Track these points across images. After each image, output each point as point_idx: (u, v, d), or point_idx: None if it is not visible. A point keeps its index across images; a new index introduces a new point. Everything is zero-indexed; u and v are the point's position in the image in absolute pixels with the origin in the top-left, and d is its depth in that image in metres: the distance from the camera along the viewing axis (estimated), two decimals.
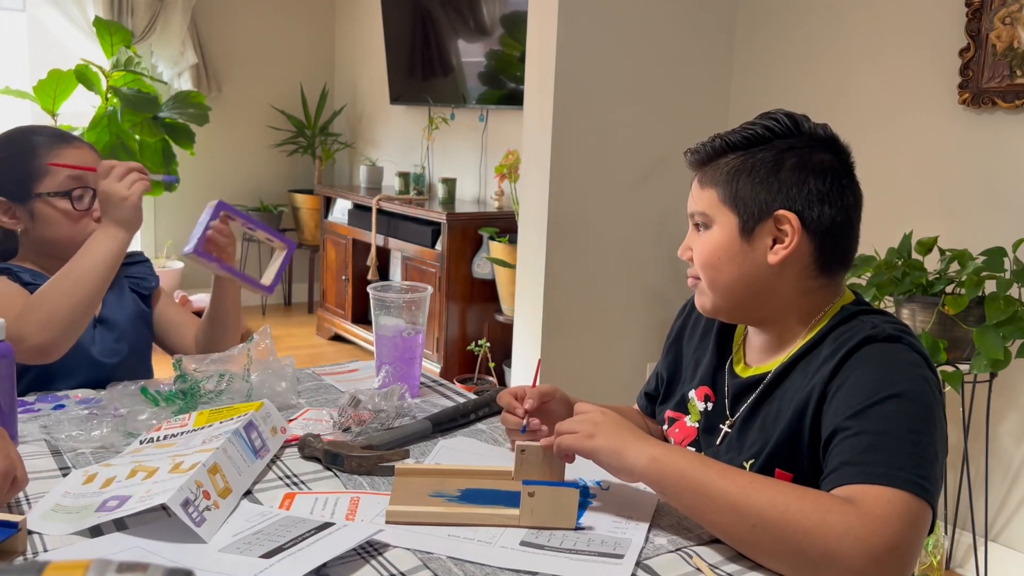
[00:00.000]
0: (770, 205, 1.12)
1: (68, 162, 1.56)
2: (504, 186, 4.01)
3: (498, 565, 0.95)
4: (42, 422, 1.34)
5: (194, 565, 0.90)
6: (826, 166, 1.14)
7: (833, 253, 1.15)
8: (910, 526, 0.92)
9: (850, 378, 1.05)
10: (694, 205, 1.19)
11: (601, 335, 3.07)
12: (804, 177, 1.13)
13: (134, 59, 4.60)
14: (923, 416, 1.00)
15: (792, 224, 1.11)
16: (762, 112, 1.19)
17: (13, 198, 1.56)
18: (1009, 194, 2.42)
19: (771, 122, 1.16)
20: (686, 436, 1.29)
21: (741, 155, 1.15)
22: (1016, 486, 2.48)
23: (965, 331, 2.22)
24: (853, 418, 1.01)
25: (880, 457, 0.96)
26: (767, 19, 3.07)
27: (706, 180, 1.17)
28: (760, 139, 1.15)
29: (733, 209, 1.14)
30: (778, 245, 1.13)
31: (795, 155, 1.14)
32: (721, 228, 1.15)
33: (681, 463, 1.01)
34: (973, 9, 2.45)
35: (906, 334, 1.08)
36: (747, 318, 1.21)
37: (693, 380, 1.30)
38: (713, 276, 1.16)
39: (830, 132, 1.18)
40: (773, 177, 1.12)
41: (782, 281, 1.14)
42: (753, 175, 1.13)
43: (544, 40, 2.87)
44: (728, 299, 1.17)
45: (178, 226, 5.26)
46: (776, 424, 1.12)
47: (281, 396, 1.45)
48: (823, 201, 1.13)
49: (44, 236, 1.58)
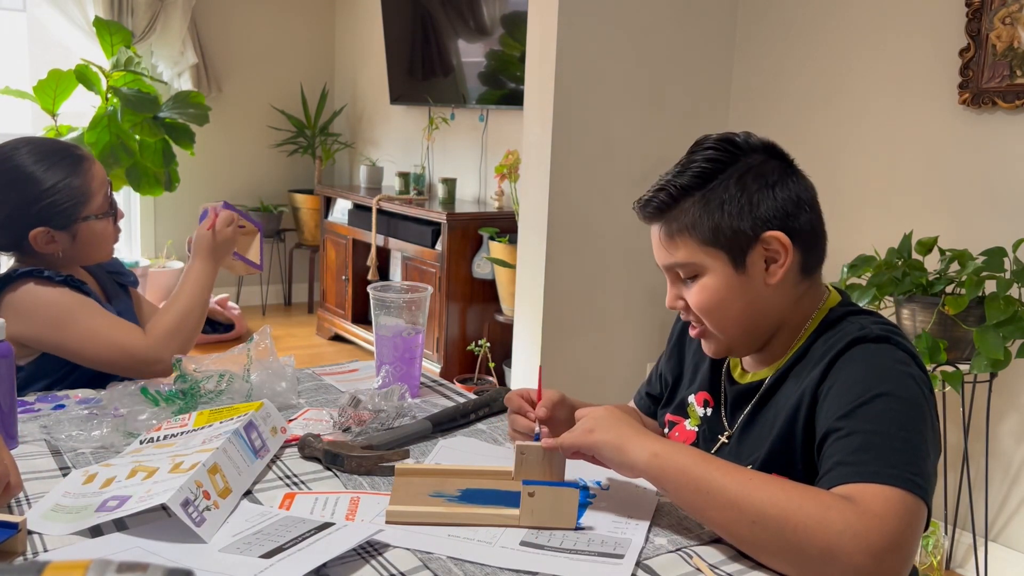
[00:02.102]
0: (754, 231, 1.12)
1: (98, 180, 1.63)
2: (504, 186, 4.01)
3: (498, 565, 0.95)
4: (42, 422, 1.34)
5: (194, 565, 0.90)
6: (780, 173, 1.14)
7: (814, 254, 1.17)
8: (907, 523, 0.93)
9: (839, 380, 1.06)
10: (669, 258, 1.16)
11: (601, 335, 3.07)
12: (770, 192, 1.12)
13: (134, 59, 4.60)
14: (912, 414, 1.01)
15: (781, 240, 1.12)
16: (695, 142, 1.16)
17: (56, 226, 1.58)
18: (1009, 194, 2.42)
19: (712, 152, 1.14)
20: (686, 440, 1.30)
21: (699, 194, 1.13)
22: (1016, 486, 2.48)
23: (965, 331, 2.22)
24: (844, 419, 1.02)
25: (872, 456, 0.97)
26: (767, 19, 3.07)
27: (674, 231, 1.14)
28: (711, 172, 1.13)
29: (718, 249, 1.13)
30: (773, 265, 1.13)
31: (751, 174, 1.13)
32: (714, 272, 1.13)
33: (682, 459, 1.02)
34: (973, 9, 2.45)
35: (894, 334, 1.09)
36: (754, 345, 1.20)
37: (693, 384, 1.31)
38: (720, 317, 1.16)
39: (764, 139, 1.18)
40: (744, 203, 1.11)
41: (778, 297, 1.15)
42: (724, 209, 1.11)
43: (544, 40, 2.87)
44: (737, 333, 1.17)
45: (178, 226, 5.26)
46: (772, 430, 1.13)
47: (281, 396, 1.45)
48: (797, 207, 1.13)
49: (87, 255, 1.65)
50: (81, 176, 1.60)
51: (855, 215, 2.80)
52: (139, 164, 4.48)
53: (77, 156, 1.62)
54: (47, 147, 1.61)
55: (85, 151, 1.66)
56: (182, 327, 1.61)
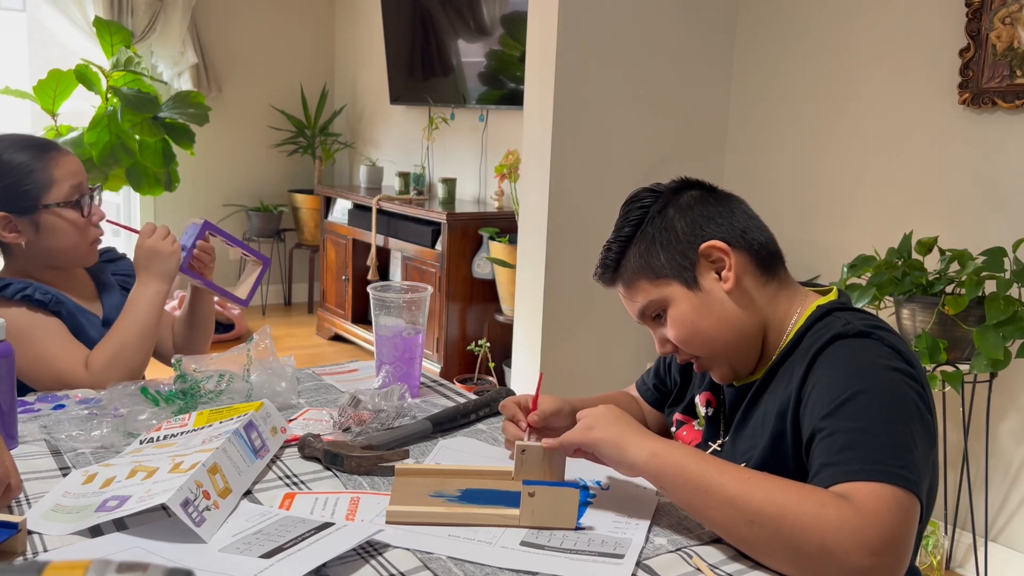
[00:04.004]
0: (691, 248, 1.17)
1: (66, 170, 1.59)
2: (504, 186, 4.01)
3: (498, 565, 0.95)
4: (42, 422, 1.34)
5: (194, 565, 0.90)
6: (698, 197, 1.22)
7: (763, 248, 1.20)
8: (900, 518, 0.93)
9: (821, 378, 1.07)
10: (635, 306, 1.23)
11: (601, 335, 3.07)
12: (690, 212, 1.20)
13: (134, 59, 4.60)
14: (894, 407, 1.01)
15: (717, 247, 1.17)
16: (625, 200, 1.26)
17: (16, 212, 1.56)
18: (1009, 194, 2.42)
19: (639, 202, 1.23)
20: (693, 439, 1.32)
21: (635, 241, 1.21)
22: (1016, 486, 2.48)
23: (965, 331, 2.22)
24: (827, 418, 1.03)
25: (856, 454, 0.97)
26: (767, 19, 3.07)
27: (628, 281, 1.22)
28: (640, 219, 1.22)
29: (669, 279, 1.18)
30: (724, 271, 1.17)
31: (672, 206, 1.20)
32: (675, 301, 1.18)
33: (680, 459, 1.02)
34: (973, 9, 2.45)
35: (878, 329, 1.10)
36: (752, 355, 1.21)
37: (701, 385, 1.34)
38: (702, 341, 1.19)
39: (682, 177, 1.26)
40: (672, 231, 1.19)
41: (747, 299, 1.18)
42: (658, 242, 1.19)
43: (544, 40, 2.87)
44: (727, 351, 1.19)
45: (178, 226, 5.23)
46: (764, 430, 1.14)
47: (281, 396, 1.45)
48: (724, 217, 1.19)
49: (51, 246, 1.60)
50: (45, 162, 1.57)
51: (855, 215, 2.80)
52: (139, 164, 4.47)
53: (45, 144, 1.60)
54: (20, 138, 1.61)
55: (61, 147, 1.63)
56: (121, 357, 1.54)
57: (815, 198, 2.90)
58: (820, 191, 2.89)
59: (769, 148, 3.07)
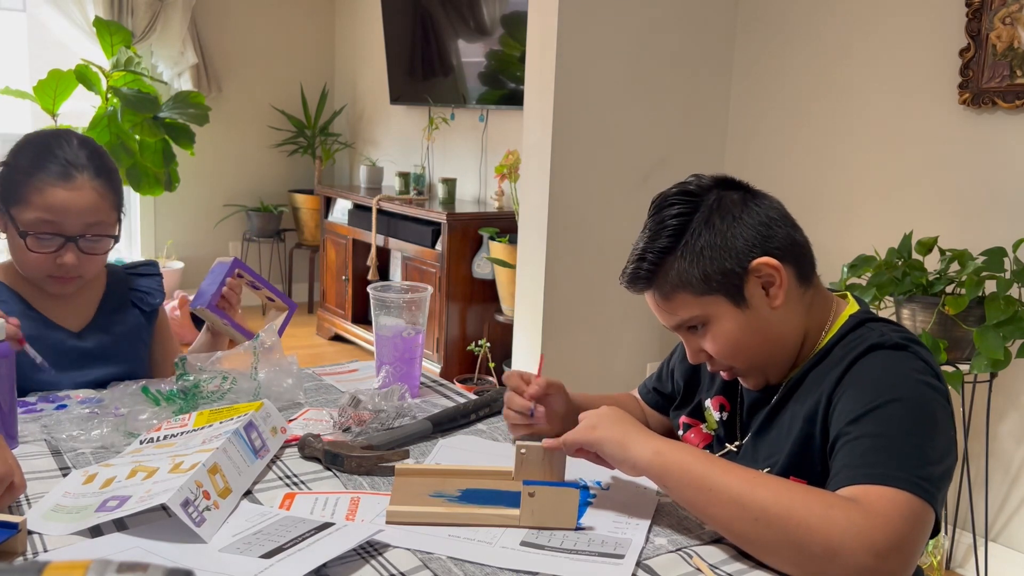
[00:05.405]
0: (740, 266, 1.13)
1: (45, 201, 1.43)
2: (504, 186, 4.01)
3: (498, 565, 0.95)
4: (43, 422, 1.34)
5: (194, 565, 0.90)
6: (741, 202, 1.15)
7: (804, 263, 1.17)
8: (911, 524, 0.93)
9: (854, 384, 1.06)
10: (673, 319, 1.18)
11: (601, 335, 3.07)
12: (738, 223, 1.13)
13: (134, 59, 4.60)
14: (923, 420, 1.01)
15: (770, 264, 1.13)
16: (654, 203, 1.19)
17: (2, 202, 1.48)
18: (1009, 194, 2.42)
19: (675, 207, 1.15)
20: (702, 441, 1.31)
21: (677, 251, 1.14)
22: (1016, 486, 2.48)
23: (965, 331, 2.22)
24: (854, 423, 1.02)
25: (879, 459, 0.97)
26: (767, 19, 3.07)
27: (668, 293, 1.16)
28: (681, 227, 1.15)
29: (715, 295, 1.13)
30: (772, 288, 1.14)
31: (716, 214, 1.14)
32: (720, 317, 1.14)
33: (684, 457, 1.02)
34: (973, 9, 2.45)
35: (913, 343, 1.10)
36: (788, 363, 1.20)
37: (711, 389, 1.32)
38: (746, 355, 1.17)
39: (714, 175, 1.20)
40: (720, 244, 1.13)
41: (789, 314, 1.16)
42: (705, 256, 1.13)
43: (544, 40, 2.87)
44: (768, 362, 1.18)
45: (178, 226, 5.25)
46: (790, 434, 1.13)
47: (288, 393, 1.46)
48: (770, 227, 1.14)
49: (12, 254, 1.51)
50: (34, 179, 1.43)
51: (855, 215, 2.80)
52: (139, 164, 4.48)
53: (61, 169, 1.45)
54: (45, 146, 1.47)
55: (77, 179, 1.45)
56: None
57: (815, 198, 2.90)
58: (820, 191, 2.89)
59: (769, 148, 3.07)
